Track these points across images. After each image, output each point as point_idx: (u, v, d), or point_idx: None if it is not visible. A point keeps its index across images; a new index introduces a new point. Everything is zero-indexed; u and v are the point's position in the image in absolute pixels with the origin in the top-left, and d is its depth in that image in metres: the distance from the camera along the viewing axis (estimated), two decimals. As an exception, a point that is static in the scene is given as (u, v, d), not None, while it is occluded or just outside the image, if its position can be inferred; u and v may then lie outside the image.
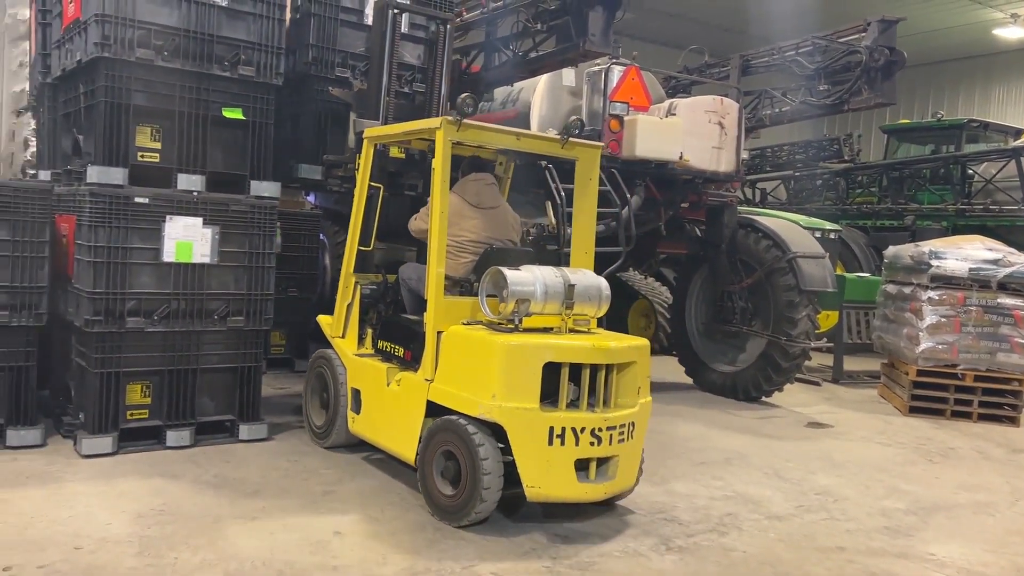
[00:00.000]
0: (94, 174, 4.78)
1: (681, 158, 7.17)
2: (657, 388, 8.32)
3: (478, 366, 4.09)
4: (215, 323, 5.17)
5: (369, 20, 6.38)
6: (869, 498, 5.10)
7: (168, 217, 4.95)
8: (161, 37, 4.91)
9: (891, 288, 8.48)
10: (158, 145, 5.01)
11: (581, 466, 4.07)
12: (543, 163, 5.34)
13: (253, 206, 5.26)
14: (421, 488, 4.33)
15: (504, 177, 5.69)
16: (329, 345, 5.40)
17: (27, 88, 8.36)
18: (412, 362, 4.66)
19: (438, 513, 4.19)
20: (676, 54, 10.61)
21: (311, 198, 8.53)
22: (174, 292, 5.01)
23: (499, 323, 4.18)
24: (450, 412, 4.20)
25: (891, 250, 8.78)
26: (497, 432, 4.02)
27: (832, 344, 9.66)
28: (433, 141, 4.44)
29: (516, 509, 4.31)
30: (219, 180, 5.24)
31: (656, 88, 8.35)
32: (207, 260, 5.11)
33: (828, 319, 9.75)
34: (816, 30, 8.70)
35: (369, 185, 5.14)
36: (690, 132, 7.22)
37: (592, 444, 4.03)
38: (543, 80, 7.87)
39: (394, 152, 5.55)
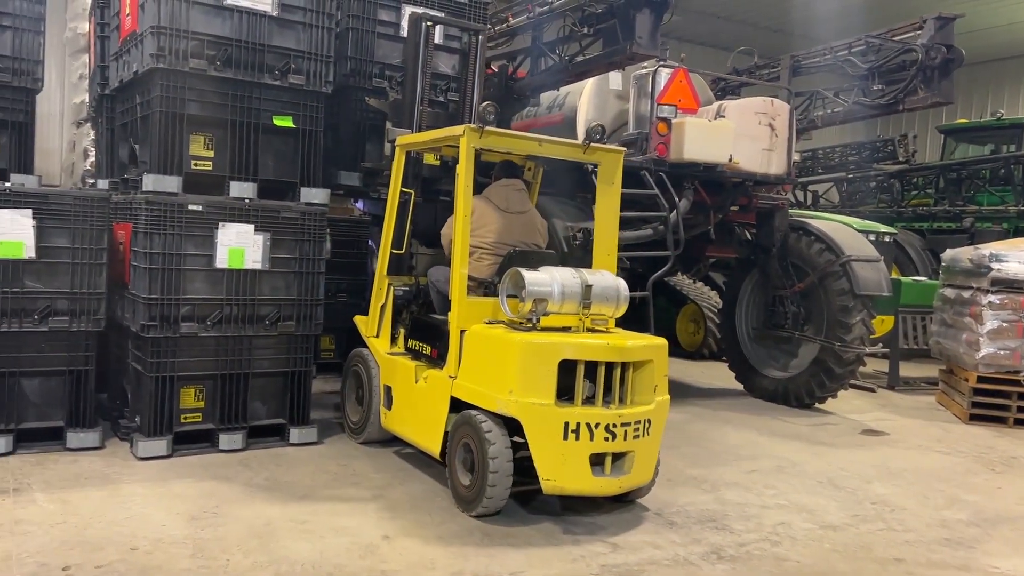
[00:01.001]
0: (149, 182, 4.89)
1: (731, 160, 7.09)
2: (707, 394, 8.29)
3: (497, 363, 4.23)
4: (266, 328, 5.25)
5: (404, 32, 6.45)
6: (928, 508, 4.96)
7: (221, 224, 5.04)
8: (214, 47, 5.01)
9: (949, 292, 8.26)
10: (211, 153, 5.12)
11: (596, 461, 4.16)
12: (590, 167, 5.35)
13: (303, 213, 5.33)
14: (448, 481, 4.47)
15: (533, 182, 5.80)
16: (365, 344, 5.54)
17: (87, 99, 8.61)
18: (438, 360, 4.82)
19: (460, 504, 4.35)
20: (725, 56, 10.50)
21: (360, 205, 8.63)
22: (227, 298, 5.10)
23: (518, 322, 4.32)
24: (472, 407, 4.34)
25: (949, 253, 8.56)
26: (517, 428, 4.13)
27: (887, 349, 9.43)
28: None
29: (530, 502, 4.41)
30: (270, 187, 5.33)
31: (705, 90, 8.26)
32: (259, 266, 5.19)
33: (883, 324, 9.54)
34: (867, 29, 8.52)
35: (401, 191, 5.32)
36: (740, 134, 7.13)
37: (607, 439, 4.12)
38: (589, 84, 7.84)
39: (429, 159, 5.68)
